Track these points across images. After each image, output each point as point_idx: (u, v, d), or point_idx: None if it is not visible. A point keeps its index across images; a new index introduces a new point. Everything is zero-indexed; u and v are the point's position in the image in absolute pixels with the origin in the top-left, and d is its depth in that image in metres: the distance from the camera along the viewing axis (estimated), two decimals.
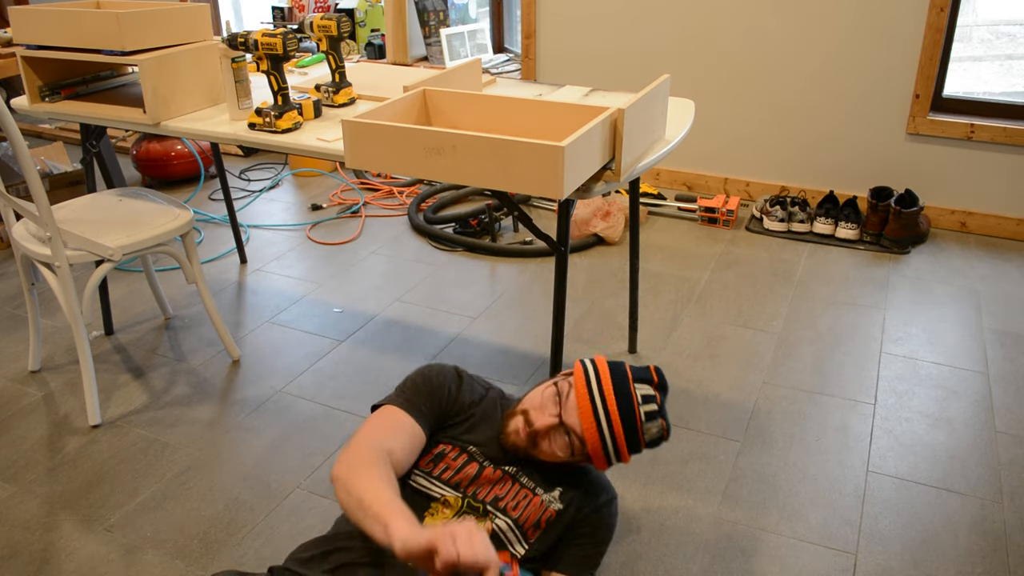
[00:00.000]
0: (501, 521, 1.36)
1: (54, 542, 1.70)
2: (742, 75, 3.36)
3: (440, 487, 1.37)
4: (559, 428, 1.38)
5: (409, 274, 2.89)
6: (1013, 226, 3.12)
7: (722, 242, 3.12)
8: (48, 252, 1.94)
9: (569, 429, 1.38)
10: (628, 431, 1.38)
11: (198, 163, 3.75)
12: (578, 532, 1.43)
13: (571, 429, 1.38)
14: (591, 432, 1.37)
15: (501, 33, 4.31)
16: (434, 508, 1.35)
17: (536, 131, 1.74)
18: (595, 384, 1.39)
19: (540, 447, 1.39)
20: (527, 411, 1.41)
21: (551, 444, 1.39)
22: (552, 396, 1.41)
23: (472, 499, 1.37)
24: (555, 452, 1.39)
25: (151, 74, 1.94)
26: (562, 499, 1.42)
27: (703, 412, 2.11)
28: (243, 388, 2.22)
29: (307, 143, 1.83)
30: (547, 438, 1.39)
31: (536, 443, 1.39)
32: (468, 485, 1.38)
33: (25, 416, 2.11)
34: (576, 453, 1.39)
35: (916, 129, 3.13)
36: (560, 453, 1.39)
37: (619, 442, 1.39)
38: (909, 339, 2.44)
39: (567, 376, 1.45)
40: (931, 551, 1.67)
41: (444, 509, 1.35)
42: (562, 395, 1.40)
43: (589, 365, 1.42)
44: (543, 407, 1.40)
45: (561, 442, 1.39)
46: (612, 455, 1.39)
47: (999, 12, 5.55)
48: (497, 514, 1.36)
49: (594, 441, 1.37)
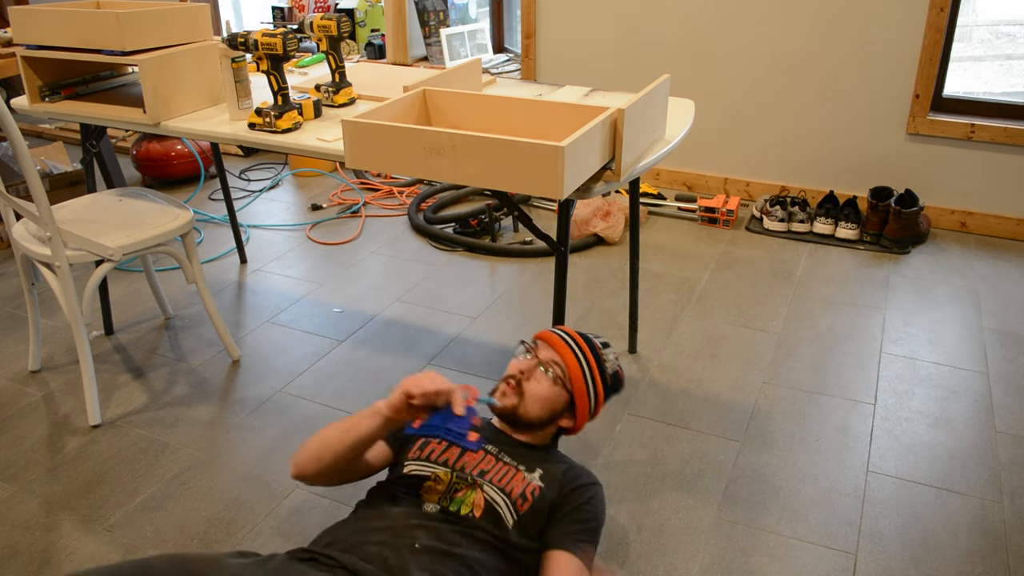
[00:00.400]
0: (490, 490, 1.43)
1: (54, 542, 1.70)
2: (742, 75, 3.36)
3: (430, 466, 1.47)
4: (538, 367, 1.55)
5: (409, 274, 2.89)
6: (1013, 226, 3.12)
7: (722, 242, 3.12)
8: (48, 252, 1.94)
9: (546, 362, 1.55)
10: (592, 349, 1.59)
11: (198, 163, 3.75)
12: (564, 511, 1.47)
13: (549, 360, 1.55)
14: (565, 352, 1.56)
15: (501, 33, 4.31)
16: (427, 486, 1.43)
17: (536, 131, 1.74)
18: (554, 329, 1.63)
19: (525, 392, 1.53)
20: (507, 376, 1.56)
21: (536, 383, 1.54)
22: (522, 354, 1.59)
23: (460, 472, 1.46)
24: (541, 391, 1.53)
25: (151, 74, 1.94)
26: (543, 479, 1.49)
27: (703, 412, 2.11)
28: (243, 388, 2.22)
29: (307, 143, 1.83)
30: (532, 379, 1.54)
31: (522, 389, 1.53)
32: (455, 462, 1.48)
33: (25, 416, 2.11)
34: (559, 383, 1.54)
35: (916, 129, 3.13)
36: (545, 388, 1.53)
37: (590, 363, 1.57)
38: (909, 339, 2.44)
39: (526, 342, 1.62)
40: (931, 551, 1.67)
41: (436, 485, 1.43)
42: (532, 349, 1.58)
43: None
44: (519, 363, 1.57)
45: (543, 376, 1.54)
46: (588, 378, 1.56)
47: (999, 12, 5.55)
48: (485, 484, 1.44)
49: (569, 359, 1.55)
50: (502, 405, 1.53)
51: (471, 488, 1.43)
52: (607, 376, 1.60)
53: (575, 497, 1.48)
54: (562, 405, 1.56)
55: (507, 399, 1.53)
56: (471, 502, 1.41)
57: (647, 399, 2.16)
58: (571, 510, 1.47)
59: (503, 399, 1.54)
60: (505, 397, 1.53)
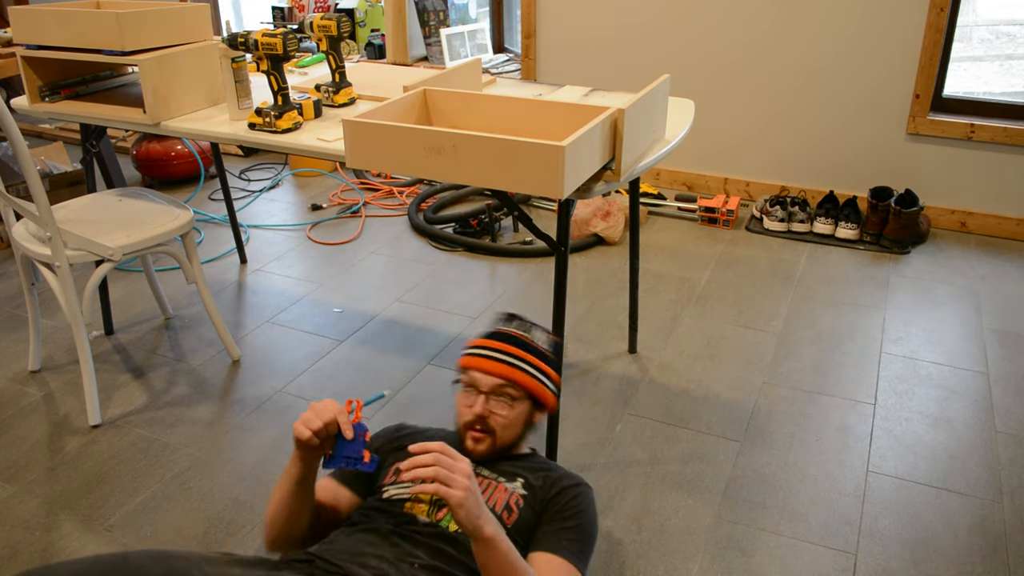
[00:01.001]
0: None
1: (54, 542, 1.70)
2: (742, 75, 3.36)
3: (409, 487, 1.42)
4: (487, 397, 1.48)
5: (409, 274, 2.89)
6: (1013, 226, 3.12)
7: (722, 242, 3.12)
8: (48, 252, 1.94)
9: (491, 390, 1.48)
10: (521, 347, 1.52)
11: (198, 163, 3.75)
12: (550, 514, 1.44)
13: (492, 389, 1.48)
14: (502, 370, 1.48)
15: (501, 33, 4.31)
16: (409, 506, 1.40)
17: (536, 131, 1.74)
18: (472, 350, 1.53)
19: (495, 428, 1.48)
20: (462, 423, 1.50)
21: (497, 414, 1.48)
22: (462, 392, 1.52)
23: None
24: (506, 418, 1.48)
25: (151, 74, 1.94)
26: (525, 487, 1.46)
27: (703, 412, 2.11)
28: (243, 388, 2.22)
29: (307, 143, 1.83)
30: (491, 415, 1.48)
31: (489, 427, 1.48)
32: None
33: (25, 416, 2.11)
34: (516, 398, 1.49)
35: (916, 129, 3.13)
36: (508, 413, 1.48)
37: (525, 358, 1.51)
38: (909, 339, 2.44)
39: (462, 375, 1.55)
40: (931, 551, 1.67)
41: (418, 504, 1.39)
42: (471, 383, 1.51)
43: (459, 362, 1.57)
44: (465, 403, 1.51)
45: (500, 404, 1.49)
46: (535, 374, 1.51)
47: (999, 12, 5.55)
48: None
49: (509, 373, 1.48)
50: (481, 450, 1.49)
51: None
52: (548, 358, 1.56)
53: (559, 499, 1.45)
54: (529, 413, 1.53)
55: (481, 444, 1.48)
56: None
57: (647, 399, 2.16)
58: (556, 512, 1.44)
59: (477, 446, 1.49)
60: (479, 443, 1.48)
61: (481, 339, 1.56)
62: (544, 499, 1.45)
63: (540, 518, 1.44)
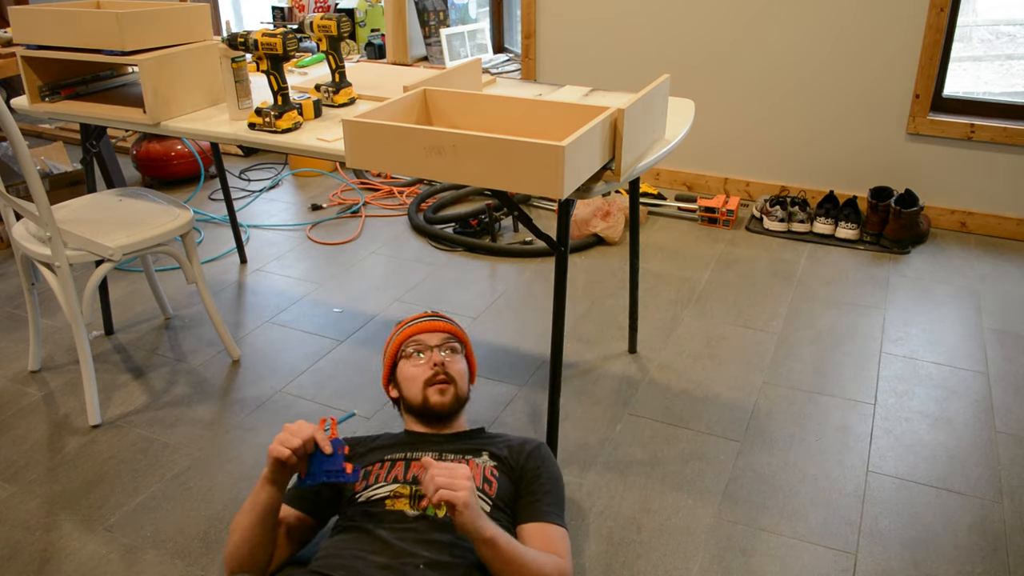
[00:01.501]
0: None
1: (54, 542, 1.70)
2: (742, 75, 3.36)
3: (383, 486, 1.45)
4: (437, 350, 1.63)
5: (409, 274, 2.89)
6: (1013, 226, 3.12)
7: (722, 242, 3.12)
8: (48, 252, 1.94)
9: (440, 343, 1.65)
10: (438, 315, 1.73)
11: (198, 163, 3.75)
12: (525, 483, 1.49)
13: (440, 342, 1.65)
14: (442, 325, 1.68)
15: (501, 33, 4.31)
16: (389, 503, 1.42)
17: (536, 131, 1.74)
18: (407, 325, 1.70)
19: (454, 376, 1.61)
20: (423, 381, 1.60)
21: (455, 363, 1.63)
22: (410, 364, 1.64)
23: (415, 483, 1.45)
24: (459, 368, 1.64)
25: (151, 74, 1.94)
26: (493, 458, 1.51)
27: (703, 412, 2.11)
28: (243, 388, 2.22)
29: (307, 143, 1.83)
30: (446, 365, 1.61)
31: (449, 375, 1.60)
32: (404, 475, 1.47)
33: (25, 416, 2.11)
34: (458, 351, 1.68)
35: (916, 129, 3.13)
36: (458, 363, 1.65)
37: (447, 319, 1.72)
38: (909, 339, 2.44)
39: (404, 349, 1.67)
40: (931, 551, 1.67)
41: (399, 500, 1.42)
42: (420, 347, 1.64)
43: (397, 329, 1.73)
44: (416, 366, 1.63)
45: (455, 359, 1.65)
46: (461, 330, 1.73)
47: (999, 12, 5.55)
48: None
49: (449, 328, 1.69)
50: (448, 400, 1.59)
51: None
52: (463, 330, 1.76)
53: (530, 465, 1.52)
54: (468, 371, 1.69)
55: (446, 395, 1.59)
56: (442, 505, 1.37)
57: (647, 399, 2.16)
58: (529, 480, 1.49)
59: (443, 397, 1.58)
60: (444, 394, 1.59)
61: (404, 321, 1.73)
62: (517, 464, 1.52)
63: (518, 485, 1.49)
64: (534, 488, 1.48)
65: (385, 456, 1.54)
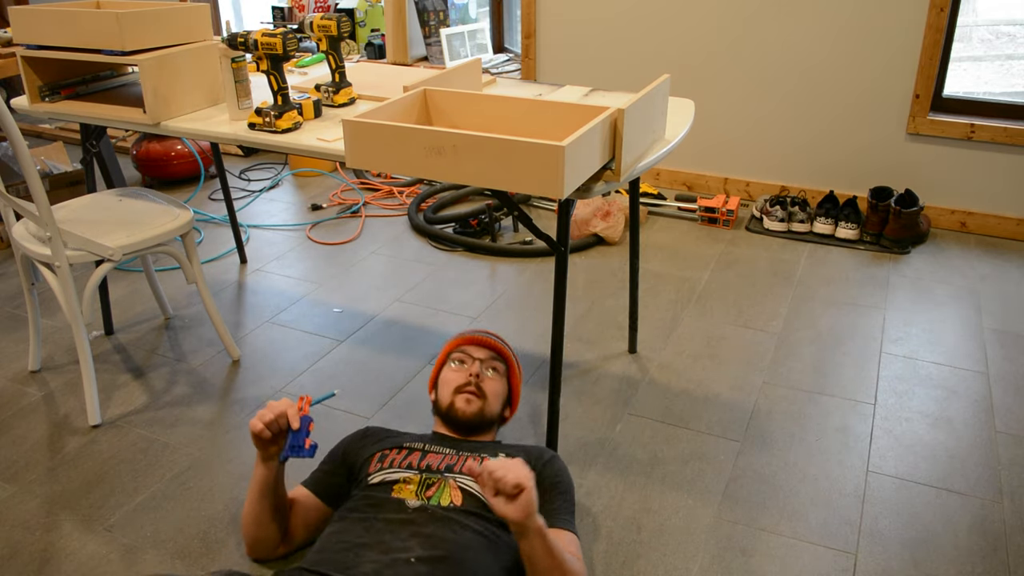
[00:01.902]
0: (463, 479, 1.48)
1: (54, 542, 1.70)
2: (742, 75, 3.36)
3: (397, 471, 1.51)
4: (480, 363, 1.68)
5: (409, 274, 2.89)
6: (1013, 226, 3.12)
7: (722, 242, 3.12)
8: (48, 252, 1.94)
9: (484, 359, 1.69)
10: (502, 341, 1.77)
11: (198, 163, 3.75)
12: (545, 487, 1.54)
13: (485, 358, 1.70)
14: (492, 343, 1.72)
15: (501, 33, 4.31)
16: (398, 488, 1.47)
17: (536, 131, 1.74)
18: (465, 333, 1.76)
19: (487, 392, 1.65)
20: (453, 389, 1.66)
21: (492, 382, 1.67)
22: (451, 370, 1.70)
23: (427, 471, 1.50)
24: (494, 388, 1.67)
25: (151, 74, 1.94)
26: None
27: (703, 412, 2.11)
28: (243, 388, 2.22)
29: (307, 143, 1.83)
30: (484, 380, 1.66)
31: (482, 389, 1.65)
32: (419, 463, 1.53)
33: (25, 416, 2.11)
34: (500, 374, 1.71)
35: (916, 129, 3.13)
36: (496, 384, 1.68)
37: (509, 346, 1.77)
38: (909, 339, 2.44)
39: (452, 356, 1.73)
40: (931, 551, 1.67)
41: (407, 486, 1.47)
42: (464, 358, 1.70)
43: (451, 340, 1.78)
44: (461, 372, 1.68)
45: (494, 379, 1.68)
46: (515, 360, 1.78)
47: (999, 12, 5.55)
48: (456, 475, 1.49)
49: (498, 347, 1.72)
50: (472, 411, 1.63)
51: (444, 481, 1.47)
52: (519, 362, 1.81)
53: (546, 474, 1.55)
54: (505, 397, 1.70)
55: (472, 405, 1.63)
56: (448, 494, 1.44)
57: (647, 399, 2.16)
58: (548, 487, 1.53)
59: (468, 407, 1.62)
60: (470, 404, 1.63)
61: (464, 332, 1.77)
62: (534, 469, 1.55)
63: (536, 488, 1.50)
64: (552, 495, 1.52)
65: (404, 443, 1.60)
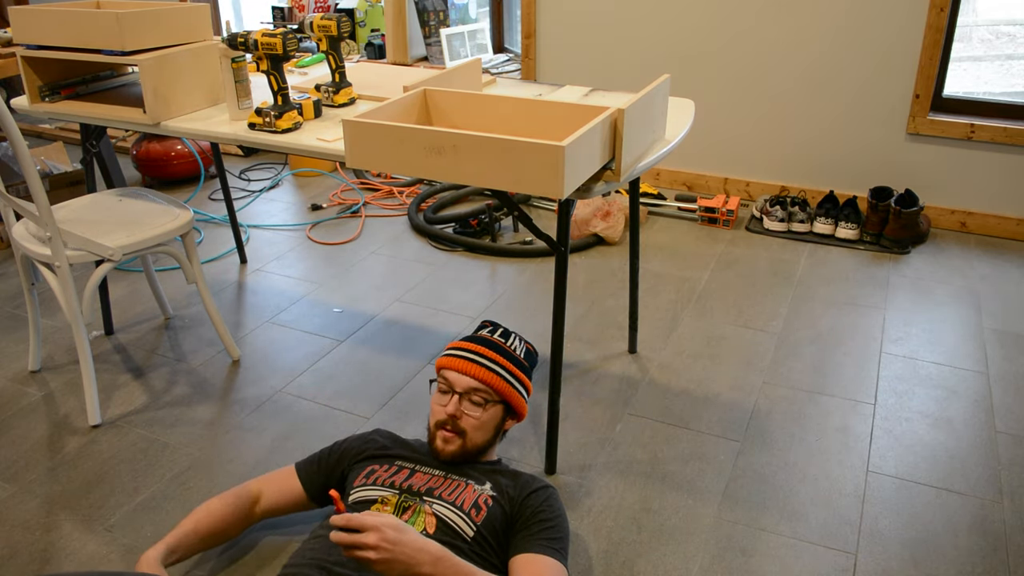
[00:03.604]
0: (440, 506, 1.43)
1: (54, 542, 1.70)
2: (742, 75, 3.36)
3: (377, 490, 1.47)
4: (460, 398, 1.54)
5: (409, 274, 2.89)
6: (1013, 226, 3.12)
7: (722, 242, 3.12)
8: (48, 252, 1.94)
9: (465, 391, 1.54)
10: (498, 351, 1.59)
11: (198, 163, 3.75)
12: (524, 518, 1.47)
13: (466, 389, 1.54)
14: (477, 371, 1.55)
15: (501, 33, 4.31)
16: (376, 507, 1.44)
17: (536, 131, 1.74)
18: (450, 352, 1.59)
19: (466, 429, 1.54)
20: (434, 422, 1.57)
21: (470, 416, 1.54)
22: (437, 394, 1.58)
23: (407, 492, 1.46)
24: (478, 420, 1.55)
25: (151, 74, 1.94)
26: (494, 490, 1.50)
27: (703, 412, 2.11)
28: (243, 388, 2.22)
29: (307, 143, 1.83)
30: (463, 415, 1.54)
31: (460, 428, 1.54)
32: (402, 483, 1.49)
33: (25, 416, 2.11)
34: (489, 401, 1.55)
35: (916, 129, 3.13)
36: (480, 416, 1.55)
37: (501, 363, 1.57)
38: (909, 339, 2.44)
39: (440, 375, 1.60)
40: (931, 551, 1.67)
41: (384, 507, 1.44)
42: (445, 384, 1.57)
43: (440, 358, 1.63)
44: (439, 403, 1.57)
45: (472, 406, 1.55)
46: (510, 379, 1.58)
47: (999, 12, 5.55)
48: (434, 501, 1.45)
49: (484, 376, 1.54)
50: (450, 450, 1.55)
51: (419, 506, 1.43)
52: (523, 365, 1.63)
53: (531, 502, 1.48)
54: (501, 417, 1.60)
55: (450, 445, 1.55)
56: (422, 521, 1.40)
57: (647, 399, 2.16)
58: (530, 515, 1.46)
59: (447, 446, 1.55)
60: (448, 444, 1.55)
61: (459, 342, 1.62)
62: (516, 499, 1.49)
63: (514, 521, 1.46)
64: (531, 524, 1.44)
65: (397, 460, 1.57)
